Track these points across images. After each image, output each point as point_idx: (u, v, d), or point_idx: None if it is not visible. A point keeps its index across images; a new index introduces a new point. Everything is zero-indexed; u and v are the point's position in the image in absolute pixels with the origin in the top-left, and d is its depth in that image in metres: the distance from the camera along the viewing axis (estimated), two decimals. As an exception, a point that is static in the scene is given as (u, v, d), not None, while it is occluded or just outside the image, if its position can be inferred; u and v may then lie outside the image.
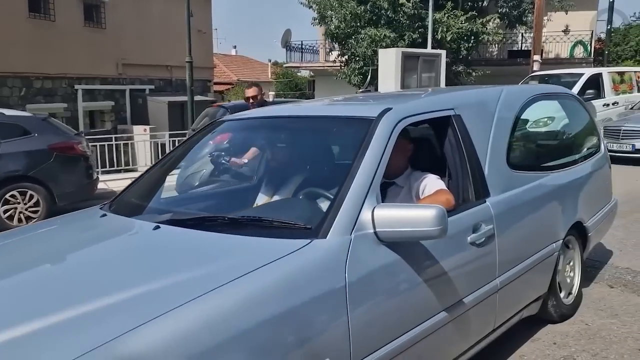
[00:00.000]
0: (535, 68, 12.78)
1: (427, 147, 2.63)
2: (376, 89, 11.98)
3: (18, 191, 6.38)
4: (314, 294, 1.63)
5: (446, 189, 2.36)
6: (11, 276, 1.82)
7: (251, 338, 1.47)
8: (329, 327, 1.66)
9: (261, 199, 2.64)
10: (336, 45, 15.75)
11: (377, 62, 11.97)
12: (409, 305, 1.96)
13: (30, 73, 13.59)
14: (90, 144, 10.17)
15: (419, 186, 2.42)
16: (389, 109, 2.24)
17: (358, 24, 13.92)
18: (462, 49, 14.20)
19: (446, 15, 13.97)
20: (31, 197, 6.46)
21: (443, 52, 12.04)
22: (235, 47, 39.06)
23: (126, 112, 16.73)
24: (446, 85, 13.21)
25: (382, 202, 2.19)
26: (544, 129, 3.47)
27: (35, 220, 6.40)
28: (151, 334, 1.35)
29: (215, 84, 25.97)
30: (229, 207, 2.71)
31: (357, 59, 14.13)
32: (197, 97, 17.55)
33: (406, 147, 2.48)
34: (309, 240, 1.76)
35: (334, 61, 16.33)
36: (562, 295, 3.13)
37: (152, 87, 17.39)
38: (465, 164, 2.43)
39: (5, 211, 6.32)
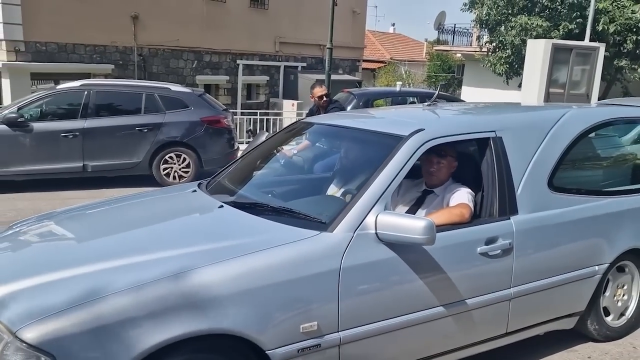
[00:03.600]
0: None
1: (470, 162, 2.93)
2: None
3: (175, 154, 7.72)
4: (312, 271, 2.20)
5: (467, 203, 2.70)
6: (130, 228, 2.70)
7: (261, 294, 2.08)
8: (321, 298, 2.21)
9: (331, 190, 3.16)
10: (485, 32, 15.26)
11: (525, 52, 11.51)
12: (402, 295, 2.41)
13: (201, 48, 15.47)
14: (246, 116, 11.57)
15: (449, 197, 2.80)
16: (421, 130, 2.62)
17: (510, 11, 13.35)
18: (629, 42, 12.87)
19: (612, 3, 12.75)
20: (184, 159, 7.76)
21: (601, 46, 11.13)
22: (393, 24, 38.97)
23: (279, 86, 18.16)
24: (602, 82, 12.22)
25: (421, 206, 2.86)
26: (605, 154, 3.49)
27: (185, 179, 7.69)
28: (202, 273, 2.06)
29: (367, 61, 26.52)
30: (302, 194, 3.23)
31: (505, 47, 13.60)
32: (344, 77, 18.38)
33: (450, 164, 2.89)
34: (318, 232, 2.31)
35: (481, 48, 15.85)
36: (609, 317, 3.23)
37: (304, 64, 18.56)
38: (496, 182, 2.71)
39: (164, 169, 7.69)
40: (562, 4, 12.87)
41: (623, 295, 3.32)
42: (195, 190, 3.09)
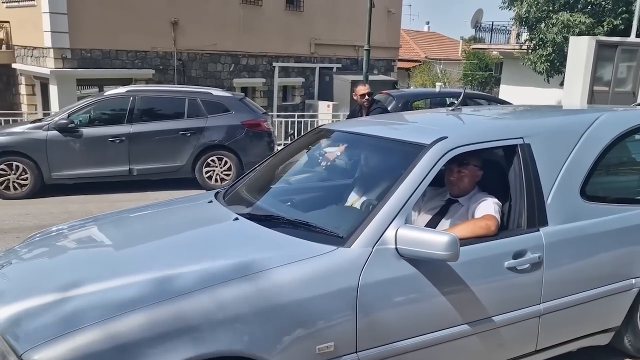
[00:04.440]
0: None
1: (497, 170, 2.78)
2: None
3: (217, 157, 7.87)
4: (329, 289, 2.09)
5: (493, 214, 2.54)
6: (138, 243, 2.63)
7: (274, 314, 1.98)
8: (337, 317, 2.09)
9: (352, 198, 2.99)
10: (525, 29, 14.95)
11: (567, 50, 11.24)
12: (424, 313, 2.28)
13: (238, 51, 15.70)
14: (282, 119, 11.68)
15: (474, 208, 2.65)
16: (443, 138, 2.49)
17: (551, 7, 13.04)
18: (679, 36, 12.40)
19: (660, -3, 12.31)
20: (226, 162, 7.90)
21: (648, 42, 10.77)
22: (428, 23, 38.66)
23: (314, 88, 18.25)
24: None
25: (445, 216, 2.70)
26: None
27: (227, 182, 7.84)
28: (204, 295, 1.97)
29: (402, 60, 26.36)
30: (323, 203, 3.08)
31: (546, 45, 13.30)
32: (380, 77, 18.33)
33: (474, 173, 2.73)
34: (335, 247, 2.20)
35: (521, 46, 15.53)
36: None
37: (339, 65, 18.60)
38: (524, 192, 2.56)
39: (206, 172, 7.86)
40: (606, -1, 12.52)
41: None
42: (211, 201, 2.97)
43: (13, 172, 7.04)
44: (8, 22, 13.87)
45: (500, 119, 3.21)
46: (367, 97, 5.51)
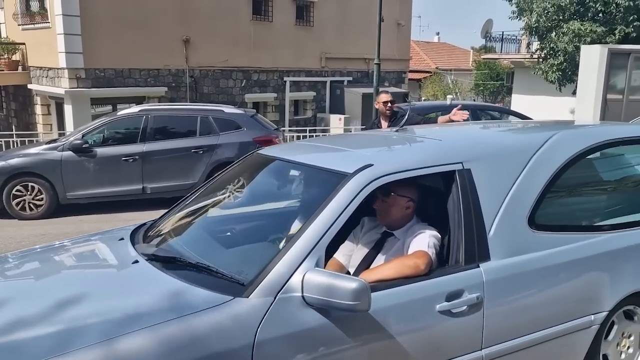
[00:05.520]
0: None
1: (436, 199, 2.46)
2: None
3: (229, 174, 7.90)
4: (220, 349, 1.79)
5: (425, 251, 2.25)
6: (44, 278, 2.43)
7: None
8: None
9: (295, 226, 2.57)
10: (535, 39, 14.90)
11: (579, 59, 11.18)
12: None
13: (250, 67, 15.85)
14: (294, 133, 11.68)
15: (410, 242, 2.35)
16: (368, 166, 2.21)
17: (561, 17, 13.00)
18: (693, 42, 12.29)
19: (672, 4, 12.23)
20: (239, 180, 7.92)
21: (661, 49, 10.68)
22: (438, 33, 38.71)
23: (326, 101, 18.33)
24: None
25: (380, 250, 2.40)
26: (603, 182, 3.06)
27: (240, 198, 7.84)
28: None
29: (413, 72, 26.42)
30: (248, 239, 2.78)
31: (557, 54, 13.23)
32: (391, 89, 18.35)
33: (401, 203, 2.43)
34: (231, 298, 1.90)
35: (532, 55, 15.47)
36: None
37: (350, 78, 18.67)
38: (462, 224, 2.28)
39: (219, 190, 7.89)
40: (617, 7, 12.44)
41: (628, 348, 2.77)
42: (122, 239, 2.63)
43: (29, 192, 7.15)
44: (24, 44, 14.16)
45: (441, 141, 2.83)
46: (389, 104, 5.42)
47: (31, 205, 7.17)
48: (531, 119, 10.13)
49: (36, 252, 2.84)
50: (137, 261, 2.30)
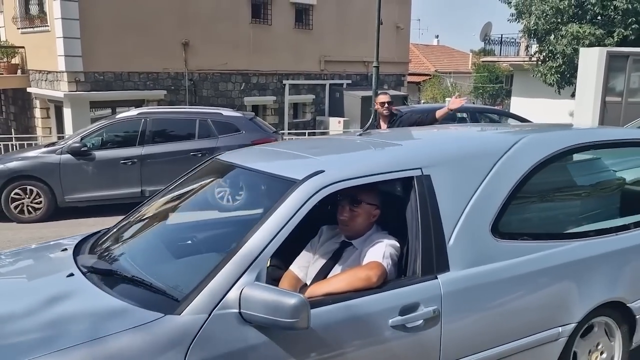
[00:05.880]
0: None
1: (396, 207, 2.34)
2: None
3: (227, 177, 7.90)
4: None
5: (379, 262, 2.14)
6: None
7: None
8: None
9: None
10: (534, 41, 14.94)
11: (578, 62, 11.20)
12: None
13: (249, 70, 15.85)
14: (293, 137, 11.68)
15: (366, 253, 2.24)
16: (319, 172, 2.10)
17: (559, 19, 13.03)
18: (689, 45, 12.31)
19: (670, 7, 12.26)
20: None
21: (660, 51, 10.70)
22: (437, 36, 38.73)
23: (325, 104, 18.33)
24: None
25: (338, 261, 2.27)
26: (572, 188, 2.95)
27: (238, 201, 7.84)
28: None
29: (412, 75, 26.46)
30: (196, 250, 2.66)
31: (556, 57, 13.26)
32: (390, 92, 18.35)
33: (370, 211, 2.32)
34: (161, 315, 1.77)
35: (530, 58, 15.51)
36: None
37: (349, 81, 18.68)
38: (419, 232, 2.17)
39: (218, 192, 7.88)
40: (615, 10, 12.47)
41: None
42: (65, 249, 2.50)
43: (27, 196, 7.14)
44: (23, 47, 14.17)
45: (401, 146, 2.72)
46: (386, 105, 5.45)
47: (30, 209, 7.17)
48: (530, 121, 10.14)
49: None
50: (72, 274, 2.15)
